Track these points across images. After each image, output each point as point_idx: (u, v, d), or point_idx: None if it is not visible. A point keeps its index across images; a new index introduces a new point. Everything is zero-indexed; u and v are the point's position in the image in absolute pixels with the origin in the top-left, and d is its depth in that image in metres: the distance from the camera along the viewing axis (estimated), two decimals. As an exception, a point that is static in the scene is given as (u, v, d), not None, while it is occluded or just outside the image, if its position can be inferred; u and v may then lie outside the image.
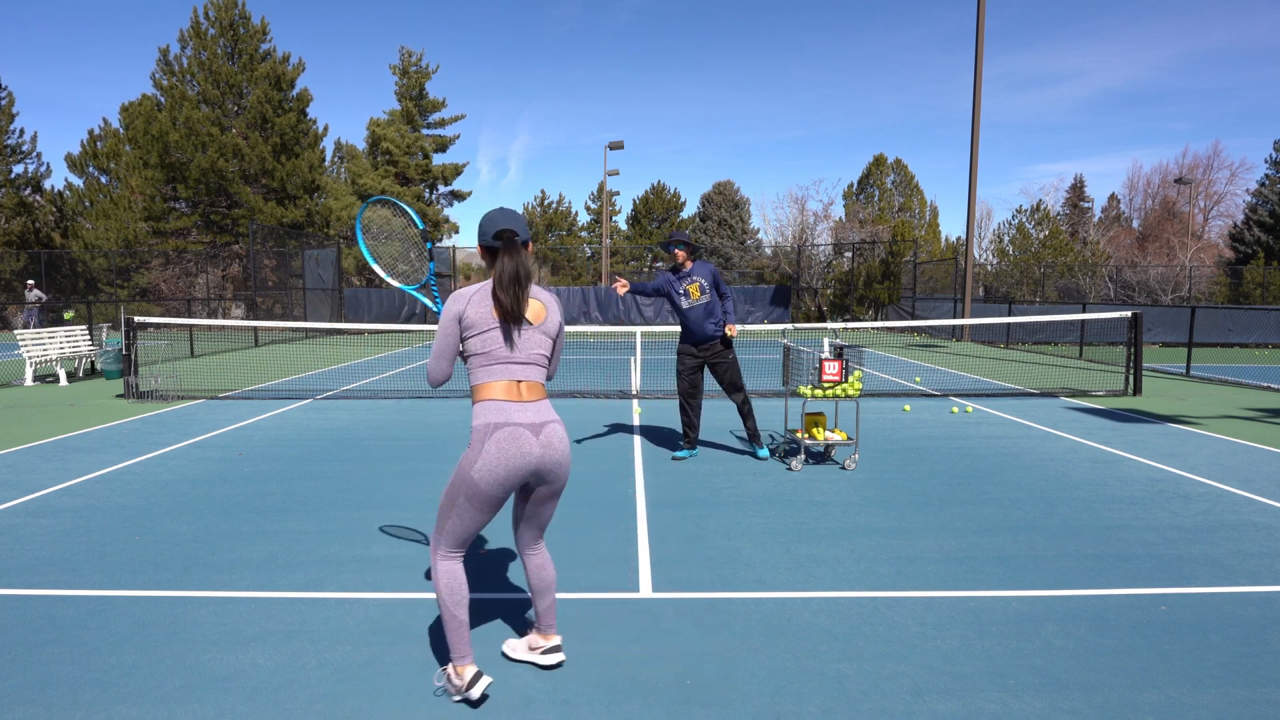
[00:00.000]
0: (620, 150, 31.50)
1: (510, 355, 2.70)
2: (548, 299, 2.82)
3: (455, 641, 2.72)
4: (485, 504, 2.67)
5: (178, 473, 6.09)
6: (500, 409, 2.65)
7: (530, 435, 2.65)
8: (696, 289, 6.33)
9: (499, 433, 2.62)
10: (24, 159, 32.40)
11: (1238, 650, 3.16)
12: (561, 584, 3.86)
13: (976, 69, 21.23)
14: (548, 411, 2.75)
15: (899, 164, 44.12)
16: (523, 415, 2.66)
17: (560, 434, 2.74)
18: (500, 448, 2.61)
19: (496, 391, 2.68)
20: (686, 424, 6.58)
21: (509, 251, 2.68)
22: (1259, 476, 6.03)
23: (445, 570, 2.73)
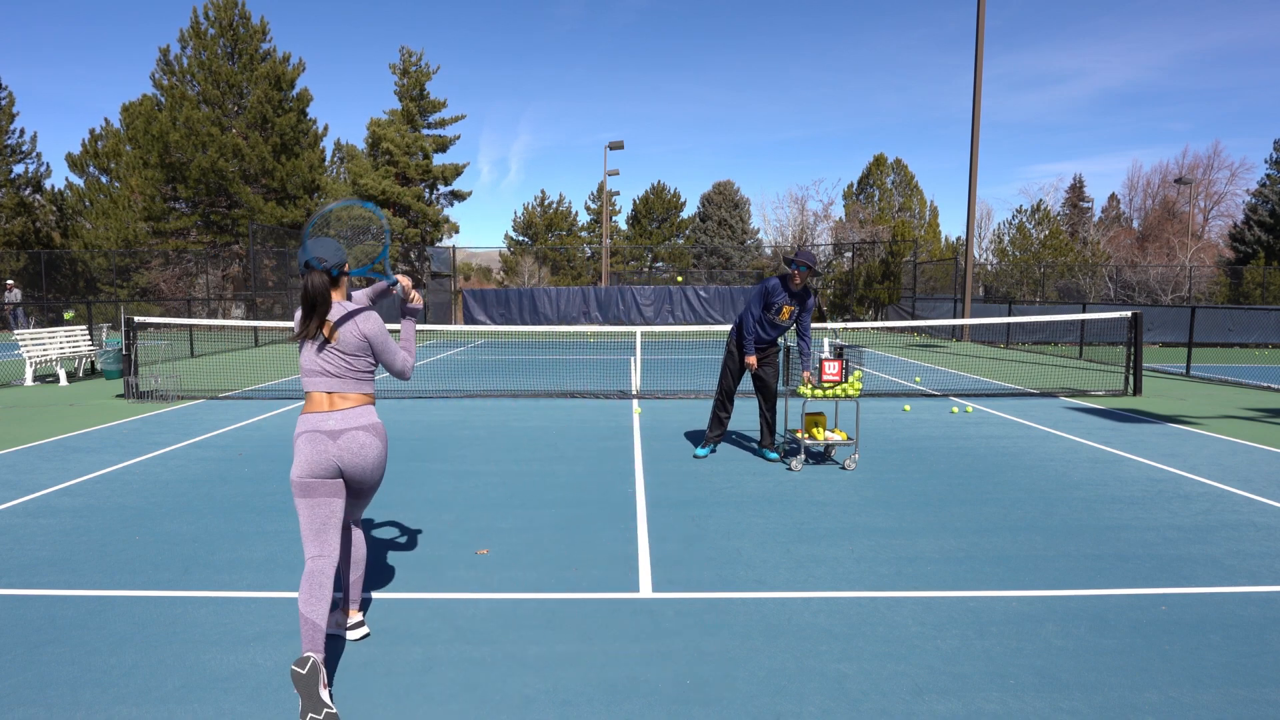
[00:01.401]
0: (620, 150, 31.51)
1: (318, 369, 2.98)
2: (347, 323, 2.98)
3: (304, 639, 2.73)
4: (303, 496, 2.90)
5: (178, 473, 6.09)
6: (306, 420, 2.96)
7: (327, 440, 2.91)
8: (789, 313, 6.31)
9: (302, 438, 2.93)
10: (24, 159, 32.41)
11: (1238, 650, 3.16)
12: (561, 584, 3.86)
13: (976, 69, 21.23)
14: (356, 418, 2.97)
15: (899, 164, 44.11)
16: (324, 424, 2.93)
17: (361, 440, 2.96)
18: (301, 449, 2.91)
19: (310, 403, 2.99)
20: (716, 421, 6.63)
21: (308, 276, 2.90)
22: (1259, 476, 6.03)
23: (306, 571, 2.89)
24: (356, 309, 3.03)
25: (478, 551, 4.32)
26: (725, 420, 6.68)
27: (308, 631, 2.74)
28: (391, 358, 3.10)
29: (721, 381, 6.63)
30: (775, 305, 6.30)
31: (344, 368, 2.98)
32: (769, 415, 6.61)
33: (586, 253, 48.09)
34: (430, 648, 3.18)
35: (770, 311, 6.32)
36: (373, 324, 3.04)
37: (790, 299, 6.28)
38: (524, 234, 50.38)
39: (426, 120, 38.32)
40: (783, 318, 6.33)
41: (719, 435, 6.71)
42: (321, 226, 3.74)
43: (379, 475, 3.08)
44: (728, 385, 6.58)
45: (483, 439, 7.50)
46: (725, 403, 6.63)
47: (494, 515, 4.99)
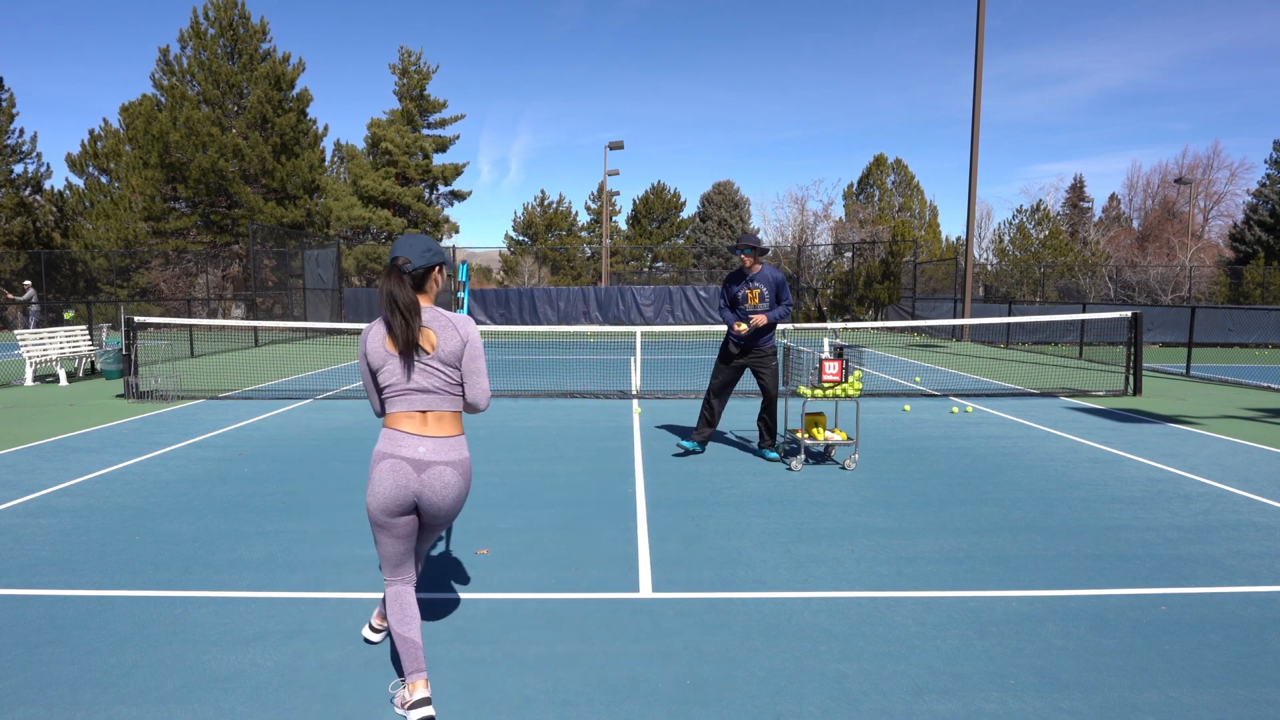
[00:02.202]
0: (620, 150, 31.51)
1: (410, 386, 2.66)
2: (444, 324, 2.69)
3: (405, 658, 2.65)
4: (380, 526, 2.68)
5: (178, 473, 6.09)
6: (393, 439, 2.65)
7: (412, 471, 2.63)
8: (756, 296, 6.33)
9: (383, 463, 2.64)
10: (24, 159, 32.41)
11: (1238, 650, 3.16)
12: (561, 584, 3.86)
13: (976, 69, 21.23)
14: (447, 451, 2.67)
15: (899, 164, 44.11)
16: (413, 450, 2.64)
17: (447, 479, 2.66)
18: (380, 476, 2.63)
19: (398, 421, 2.67)
20: (705, 420, 6.60)
21: (389, 278, 2.63)
22: (1259, 476, 6.03)
23: (390, 595, 2.76)
24: (455, 315, 2.75)
25: (478, 551, 4.32)
26: (711, 420, 6.61)
27: (409, 651, 2.64)
28: (481, 376, 2.75)
29: (711, 380, 6.63)
30: (739, 295, 6.37)
31: (442, 381, 2.67)
32: (768, 418, 6.60)
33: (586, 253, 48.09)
34: (430, 648, 3.18)
35: (740, 304, 6.38)
36: (474, 330, 2.75)
37: (751, 283, 6.32)
38: (524, 234, 50.38)
39: (426, 120, 38.33)
40: (752, 303, 6.35)
41: (706, 435, 6.66)
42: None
43: (453, 517, 2.78)
44: (715, 383, 6.57)
45: (483, 439, 7.50)
46: (710, 402, 6.59)
47: (494, 515, 4.99)
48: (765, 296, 6.32)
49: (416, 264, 2.68)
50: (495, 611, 3.54)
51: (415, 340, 2.62)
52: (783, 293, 6.35)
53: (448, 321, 2.70)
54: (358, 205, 35.56)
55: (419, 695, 2.60)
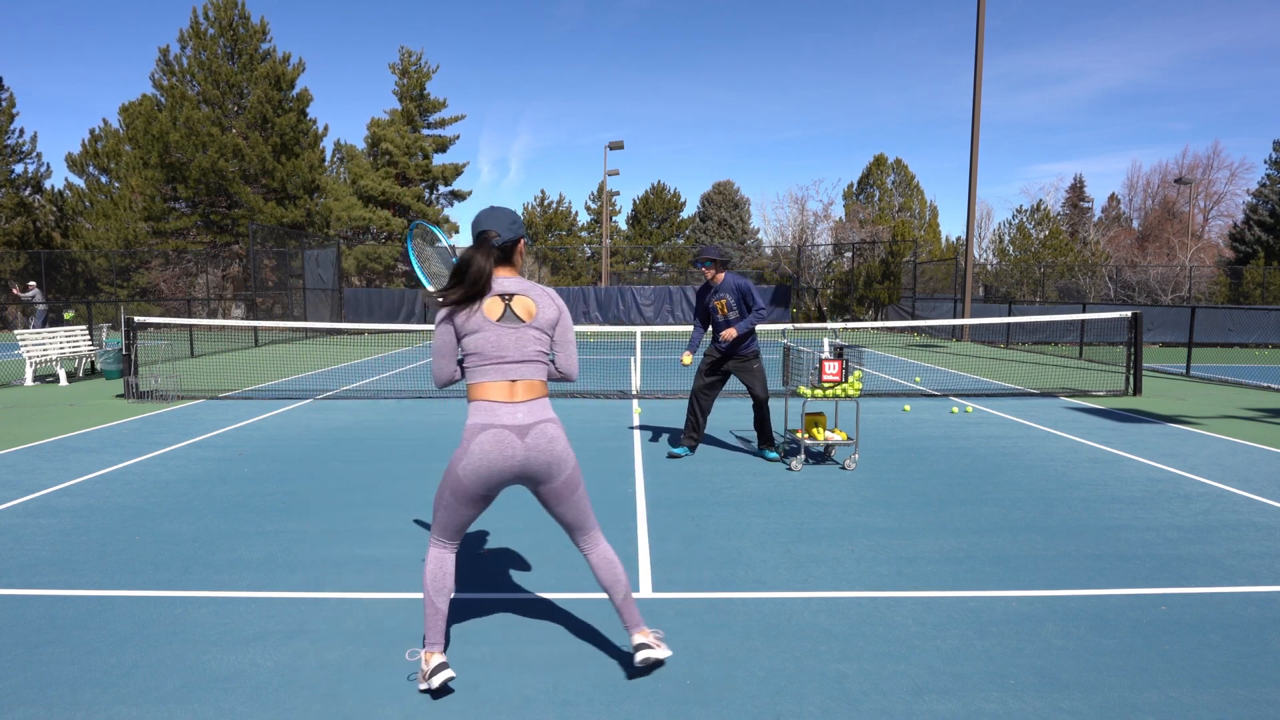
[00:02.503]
0: (620, 150, 31.51)
1: (503, 355, 2.68)
2: (540, 294, 2.77)
3: (429, 628, 2.78)
4: (468, 499, 2.70)
5: (178, 473, 6.09)
6: (489, 410, 2.66)
7: (515, 438, 2.63)
8: (724, 306, 6.36)
9: (484, 434, 2.63)
10: (24, 159, 32.42)
11: (1238, 650, 3.16)
12: (561, 584, 3.86)
13: (976, 69, 21.23)
14: (541, 411, 2.70)
15: (899, 164, 44.12)
16: (511, 417, 2.64)
17: (550, 433, 2.69)
18: (483, 449, 2.63)
19: (488, 391, 2.67)
20: (691, 423, 6.60)
21: (475, 249, 2.71)
22: (1259, 476, 6.03)
23: (433, 557, 2.80)
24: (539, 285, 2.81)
25: (480, 551, 4.32)
26: (698, 424, 6.60)
27: (435, 621, 2.72)
28: (573, 345, 2.83)
29: (694, 383, 6.64)
30: (710, 307, 6.44)
31: (536, 350, 2.71)
32: (760, 415, 6.57)
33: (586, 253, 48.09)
34: (430, 648, 3.18)
35: (711, 313, 6.46)
36: (562, 301, 2.82)
37: (717, 294, 6.37)
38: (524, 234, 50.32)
39: (426, 120, 38.33)
40: (723, 313, 6.39)
41: (694, 440, 6.66)
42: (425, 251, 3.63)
43: (570, 468, 2.74)
44: (695, 383, 6.59)
45: (483, 439, 7.49)
46: (694, 405, 6.60)
47: (494, 515, 4.98)
48: (733, 305, 6.36)
49: (505, 236, 2.75)
50: (495, 611, 3.54)
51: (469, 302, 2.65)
52: (750, 298, 6.34)
53: (542, 292, 2.78)
54: (358, 205, 35.55)
55: (437, 661, 2.71)
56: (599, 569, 2.87)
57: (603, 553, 2.88)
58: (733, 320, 6.36)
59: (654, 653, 2.83)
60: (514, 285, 2.75)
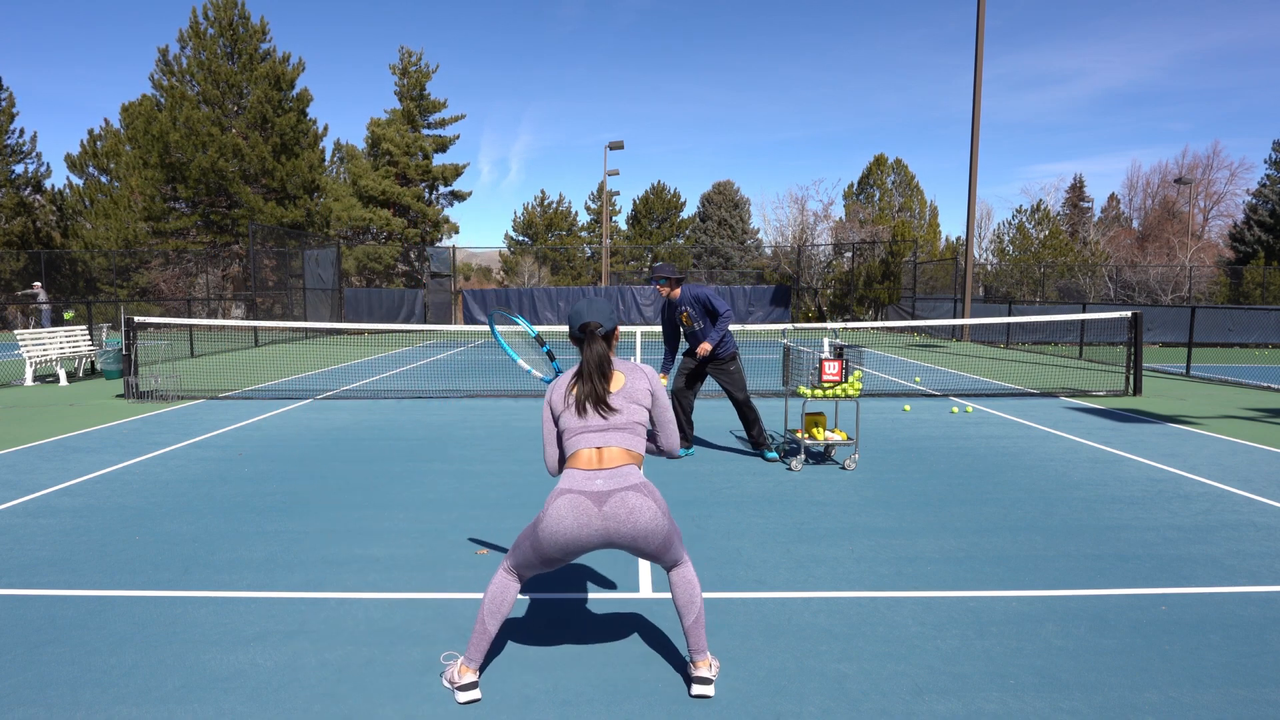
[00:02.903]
0: (620, 150, 31.50)
1: (588, 424, 2.78)
2: (629, 368, 2.90)
3: (474, 645, 2.80)
4: (544, 558, 2.73)
5: (178, 473, 6.09)
6: (570, 476, 2.72)
7: (592, 505, 2.63)
8: (687, 317, 6.46)
9: (561, 498, 2.66)
10: (24, 159, 32.41)
11: (1238, 650, 3.16)
12: (561, 584, 3.87)
13: (976, 69, 21.23)
14: (624, 478, 2.68)
15: (899, 164, 44.11)
16: (590, 484, 2.66)
17: (631, 504, 2.63)
18: (559, 513, 2.64)
19: (575, 460, 2.76)
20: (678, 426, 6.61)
21: (590, 343, 2.83)
22: (1259, 476, 6.03)
23: (498, 581, 2.83)
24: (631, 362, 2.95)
25: (478, 552, 4.32)
26: (682, 426, 6.61)
27: (481, 641, 2.77)
28: (670, 424, 2.95)
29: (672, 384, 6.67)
30: (677, 321, 6.55)
31: (623, 418, 2.78)
32: (747, 417, 6.56)
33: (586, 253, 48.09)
34: (430, 648, 3.18)
35: (678, 326, 6.57)
36: (659, 381, 2.94)
37: (678, 308, 6.47)
38: (524, 234, 50.38)
39: (426, 120, 38.33)
40: (689, 325, 6.50)
41: (685, 440, 6.68)
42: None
43: (658, 539, 2.69)
44: (675, 384, 6.62)
45: (482, 439, 7.50)
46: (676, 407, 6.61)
47: (494, 515, 4.99)
48: (695, 315, 6.43)
49: (608, 327, 2.90)
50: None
51: (605, 394, 2.79)
52: (711, 304, 6.39)
53: (634, 368, 2.92)
54: (358, 205, 35.55)
55: (468, 679, 2.77)
56: (677, 587, 2.85)
57: (684, 574, 2.86)
58: (700, 331, 6.44)
59: (706, 690, 2.79)
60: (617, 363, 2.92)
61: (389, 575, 3.96)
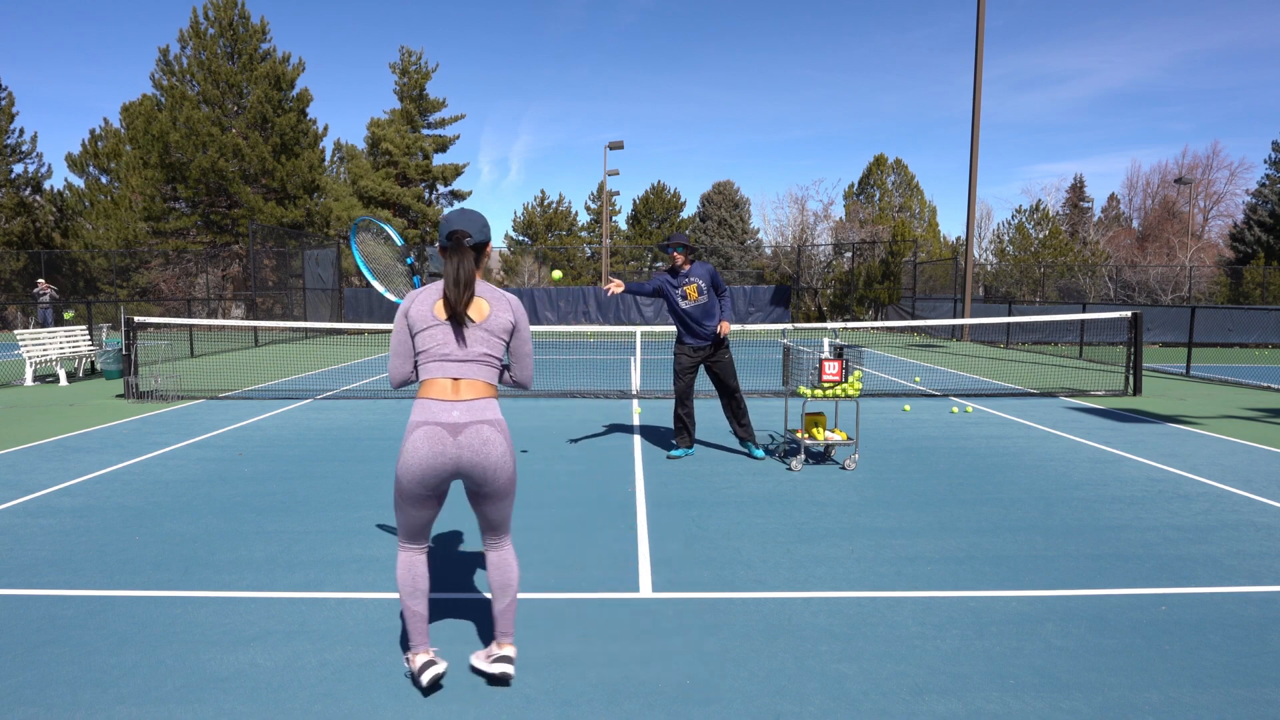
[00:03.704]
0: (620, 150, 31.50)
1: (448, 353, 2.70)
2: (496, 297, 2.78)
3: (411, 631, 2.80)
4: (410, 499, 2.70)
5: (178, 473, 6.09)
6: (425, 407, 2.66)
7: (447, 436, 2.62)
8: (694, 290, 6.34)
9: (417, 431, 2.64)
10: (24, 159, 32.42)
11: (1238, 650, 3.16)
12: (561, 584, 3.86)
13: (977, 69, 21.23)
14: (480, 411, 2.67)
15: (899, 164, 44.11)
16: (446, 415, 2.64)
17: (485, 435, 2.65)
18: (415, 446, 2.63)
19: (429, 389, 2.69)
20: (682, 425, 6.59)
21: (454, 254, 2.71)
22: (1259, 476, 6.03)
23: (401, 561, 2.82)
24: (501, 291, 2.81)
25: (479, 551, 4.32)
26: (689, 424, 6.61)
27: (415, 625, 2.74)
28: (527, 360, 2.88)
29: (674, 386, 6.58)
30: (677, 291, 6.37)
31: (481, 350, 2.72)
32: (737, 409, 6.51)
33: (586, 253, 48.09)
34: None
35: (679, 299, 6.37)
36: (522, 312, 2.84)
37: (687, 279, 6.34)
38: (524, 234, 50.38)
39: (426, 120, 38.34)
40: (692, 298, 6.33)
41: (689, 439, 6.65)
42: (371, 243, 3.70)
43: (505, 475, 2.74)
44: (679, 386, 6.52)
45: (483, 439, 7.48)
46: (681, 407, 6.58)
47: (494, 515, 4.98)
48: (704, 289, 6.35)
49: (476, 238, 2.78)
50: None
51: (465, 309, 2.69)
52: (718, 282, 6.40)
53: (500, 296, 2.79)
54: (358, 205, 35.54)
55: (423, 659, 2.74)
56: (494, 568, 2.89)
57: (505, 556, 2.90)
58: (704, 304, 6.34)
59: (510, 668, 2.85)
60: (485, 288, 2.79)
61: (389, 575, 3.96)
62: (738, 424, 6.57)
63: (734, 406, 6.53)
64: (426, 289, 2.77)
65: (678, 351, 6.55)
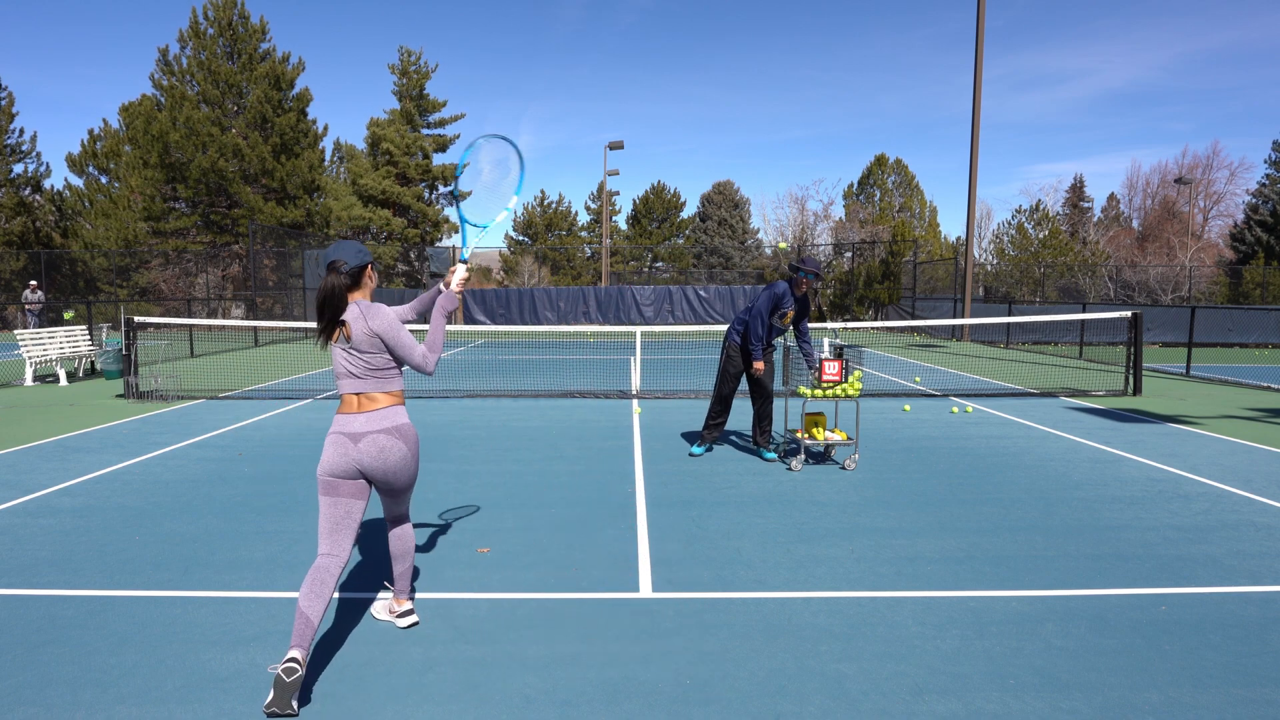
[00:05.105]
0: (620, 150, 31.50)
1: (343, 371, 3.04)
2: (355, 315, 2.99)
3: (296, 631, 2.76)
4: (323, 494, 2.98)
5: (178, 473, 6.09)
6: (337, 420, 3.03)
7: (349, 443, 2.97)
8: (790, 318, 6.44)
9: (328, 439, 3.02)
10: (24, 159, 32.40)
11: (1238, 650, 3.16)
12: (561, 584, 3.86)
13: (977, 69, 21.23)
14: (378, 420, 3.00)
15: (899, 164, 44.11)
16: (350, 425, 2.99)
17: (381, 444, 2.99)
18: (325, 450, 3.00)
19: (342, 404, 3.04)
20: (714, 424, 6.68)
21: (328, 278, 2.97)
22: (1259, 476, 6.03)
23: (315, 566, 2.92)
24: (368, 306, 3.02)
25: (478, 550, 4.32)
26: (722, 424, 6.74)
27: (300, 626, 2.77)
28: (408, 353, 3.07)
29: (719, 388, 6.64)
30: (783, 311, 6.40)
31: (363, 367, 3.01)
32: (763, 413, 6.60)
33: (586, 253, 48.09)
34: (430, 648, 3.18)
35: (775, 317, 6.41)
36: (380, 320, 3.00)
37: (793, 304, 6.40)
38: (524, 234, 50.37)
39: (426, 120, 38.34)
40: (785, 322, 6.44)
41: (715, 436, 6.74)
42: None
43: (405, 477, 3.10)
44: (724, 391, 6.62)
45: (483, 439, 7.49)
46: (720, 409, 6.68)
47: (494, 515, 4.99)
48: (795, 318, 6.46)
49: (351, 264, 3.01)
50: (495, 611, 3.54)
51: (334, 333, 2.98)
52: (805, 320, 6.53)
53: (358, 313, 3.00)
54: (357, 205, 35.55)
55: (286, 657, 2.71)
56: (396, 539, 3.31)
57: (405, 530, 3.34)
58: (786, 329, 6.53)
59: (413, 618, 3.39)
60: (349, 311, 3.01)
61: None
62: (759, 428, 6.63)
63: (762, 410, 6.59)
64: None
65: (730, 354, 6.61)
